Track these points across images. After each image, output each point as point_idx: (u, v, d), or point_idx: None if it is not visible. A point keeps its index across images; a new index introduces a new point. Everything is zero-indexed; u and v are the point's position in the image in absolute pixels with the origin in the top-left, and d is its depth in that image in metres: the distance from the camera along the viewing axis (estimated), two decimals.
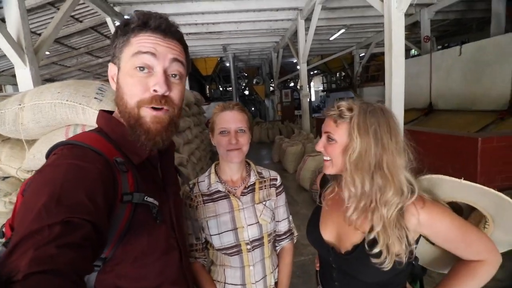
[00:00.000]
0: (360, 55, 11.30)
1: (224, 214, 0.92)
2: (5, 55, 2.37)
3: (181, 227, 0.74)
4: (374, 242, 0.71)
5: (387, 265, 0.69)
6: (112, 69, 0.62)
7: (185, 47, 0.64)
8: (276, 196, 1.01)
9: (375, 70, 12.08)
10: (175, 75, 0.60)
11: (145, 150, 0.61)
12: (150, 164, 0.65)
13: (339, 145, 0.75)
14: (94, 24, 5.94)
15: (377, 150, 0.70)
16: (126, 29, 0.58)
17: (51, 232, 0.39)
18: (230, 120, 0.89)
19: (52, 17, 4.50)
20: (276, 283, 1.02)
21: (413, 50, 9.05)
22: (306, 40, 6.08)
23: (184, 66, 0.62)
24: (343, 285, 0.83)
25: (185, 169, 3.35)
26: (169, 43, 0.58)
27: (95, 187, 0.48)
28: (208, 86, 15.28)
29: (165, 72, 0.57)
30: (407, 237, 0.70)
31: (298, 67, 6.82)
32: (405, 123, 5.22)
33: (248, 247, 0.93)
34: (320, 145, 0.81)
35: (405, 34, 2.85)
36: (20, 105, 1.41)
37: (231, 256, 0.93)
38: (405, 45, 2.89)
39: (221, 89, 16.29)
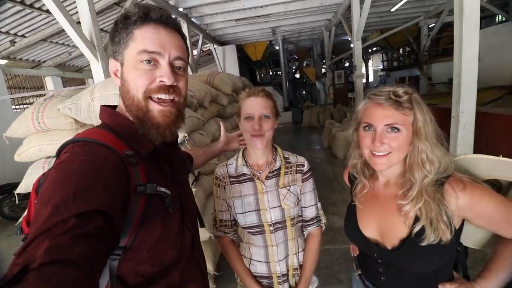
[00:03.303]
0: (429, 25, 9.81)
1: (249, 196, 0.97)
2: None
3: (191, 213, 0.77)
4: (421, 232, 0.70)
5: (432, 240, 0.68)
6: (114, 65, 0.62)
7: (183, 37, 0.65)
8: (302, 182, 1.00)
9: (447, 42, 10.25)
10: (180, 67, 0.63)
11: (151, 142, 0.62)
12: (158, 156, 0.65)
13: (405, 134, 0.71)
14: None
15: (428, 122, 0.72)
16: (128, 22, 0.58)
17: (66, 224, 0.40)
18: (255, 106, 0.91)
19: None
20: (301, 266, 1.03)
21: (499, 16, 7.46)
22: (360, 15, 5.54)
23: (186, 61, 0.64)
24: (390, 279, 0.82)
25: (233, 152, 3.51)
26: (171, 36, 0.60)
27: (109, 180, 0.49)
28: (258, 71, 15.32)
29: (170, 65, 0.60)
30: (449, 217, 0.69)
31: (351, 45, 6.30)
32: (482, 104, 4.46)
33: (271, 228, 0.96)
34: (378, 140, 0.72)
35: None
36: (91, 96, 1.67)
37: (254, 235, 0.98)
38: (487, 9, 2.40)
39: (271, 73, 16.16)
